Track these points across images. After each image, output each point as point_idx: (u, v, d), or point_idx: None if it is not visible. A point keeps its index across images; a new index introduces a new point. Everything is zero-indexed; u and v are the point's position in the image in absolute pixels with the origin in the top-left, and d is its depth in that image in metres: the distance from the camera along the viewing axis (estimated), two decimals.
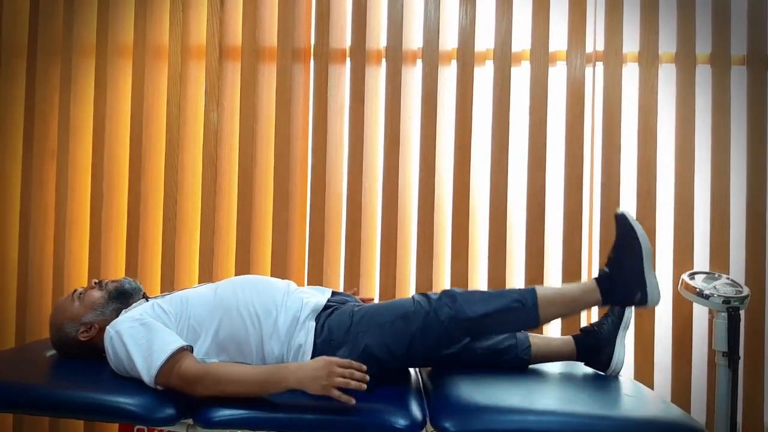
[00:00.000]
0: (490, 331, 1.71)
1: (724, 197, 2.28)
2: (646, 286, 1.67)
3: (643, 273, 1.67)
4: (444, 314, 1.61)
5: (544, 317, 1.67)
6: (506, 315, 1.64)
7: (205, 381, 1.44)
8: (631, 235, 1.68)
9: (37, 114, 2.44)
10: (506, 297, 1.66)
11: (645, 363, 2.27)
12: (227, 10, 2.45)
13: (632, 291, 1.68)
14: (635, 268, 1.67)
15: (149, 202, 2.44)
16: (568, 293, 1.71)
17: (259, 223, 2.42)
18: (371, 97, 2.43)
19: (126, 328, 1.53)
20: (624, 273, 1.68)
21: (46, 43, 2.45)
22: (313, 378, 1.39)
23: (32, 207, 2.43)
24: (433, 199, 2.35)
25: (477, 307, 1.63)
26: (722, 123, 2.29)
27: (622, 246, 1.69)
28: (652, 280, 1.67)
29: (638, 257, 1.67)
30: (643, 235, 1.68)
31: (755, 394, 2.25)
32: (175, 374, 1.45)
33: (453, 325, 1.61)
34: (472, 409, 1.42)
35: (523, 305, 1.64)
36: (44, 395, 1.46)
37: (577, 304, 1.71)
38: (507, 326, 1.70)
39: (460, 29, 2.37)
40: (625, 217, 1.70)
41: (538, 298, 1.65)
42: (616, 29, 2.33)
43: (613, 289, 1.69)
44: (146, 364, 1.47)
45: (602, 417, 1.41)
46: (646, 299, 1.67)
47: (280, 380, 1.42)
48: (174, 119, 2.42)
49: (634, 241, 1.67)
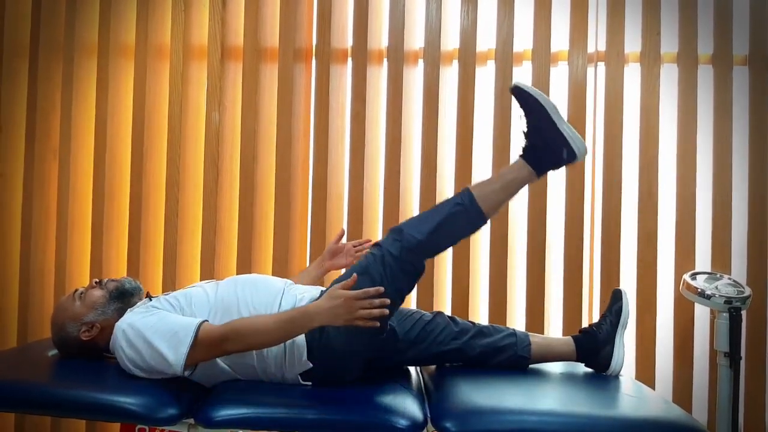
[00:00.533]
0: (445, 243, 1.70)
1: (725, 197, 2.28)
2: (567, 141, 1.67)
3: (558, 128, 1.67)
4: (396, 249, 1.61)
5: (487, 209, 1.67)
6: (452, 222, 1.65)
7: (230, 338, 1.46)
8: (531, 100, 1.67)
9: (38, 113, 2.44)
10: (446, 205, 1.68)
11: (646, 363, 2.27)
12: (229, 10, 2.45)
13: (557, 150, 1.67)
14: (549, 127, 1.67)
15: (151, 202, 2.45)
16: (501, 178, 1.71)
17: (261, 223, 2.43)
18: (373, 97, 2.43)
19: (140, 319, 1.53)
20: (543, 136, 1.68)
21: (48, 43, 2.45)
22: (335, 315, 1.43)
23: (34, 206, 2.43)
24: (435, 198, 2.35)
25: (423, 228, 1.63)
26: (724, 123, 2.29)
27: (530, 113, 1.69)
28: (568, 132, 1.67)
29: (547, 116, 1.67)
30: (541, 94, 1.68)
31: (757, 394, 2.25)
32: (199, 346, 1.47)
33: (408, 255, 1.61)
34: (473, 410, 1.42)
35: (463, 206, 1.66)
36: (46, 395, 1.46)
37: (514, 184, 1.70)
38: (457, 232, 1.69)
39: (462, 29, 2.37)
40: (519, 88, 1.69)
41: (474, 194, 1.67)
42: (618, 29, 2.33)
43: (540, 157, 1.69)
44: (172, 348, 1.46)
45: (603, 417, 1.41)
46: (574, 152, 1.67)
47: (303, 325, 1.46)
48: (176, 119, 2.43)
49: (536, 104, 1.67)
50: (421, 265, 1.65)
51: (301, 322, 1.46)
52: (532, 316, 2.31)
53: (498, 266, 2.33)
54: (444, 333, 1.75)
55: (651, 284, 2.29)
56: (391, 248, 1.61)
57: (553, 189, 2.35)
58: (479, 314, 2.39)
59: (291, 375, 1.59)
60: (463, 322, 1.79)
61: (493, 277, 2.33)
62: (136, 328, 1.51)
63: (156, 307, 1.60)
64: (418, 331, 1.75)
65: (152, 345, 1.48)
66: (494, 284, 2.33)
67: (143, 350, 1.49)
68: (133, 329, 1.51)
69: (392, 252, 1.61)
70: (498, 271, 2.32)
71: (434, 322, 1.77)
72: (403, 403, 1.47)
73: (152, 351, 1.48)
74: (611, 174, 2.31)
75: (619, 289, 1.86)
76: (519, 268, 2.39)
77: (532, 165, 1.69)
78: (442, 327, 1.76)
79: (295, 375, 1.58)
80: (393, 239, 1.63)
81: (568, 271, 2.31)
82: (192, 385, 1.57)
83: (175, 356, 1.46)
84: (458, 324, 1.78)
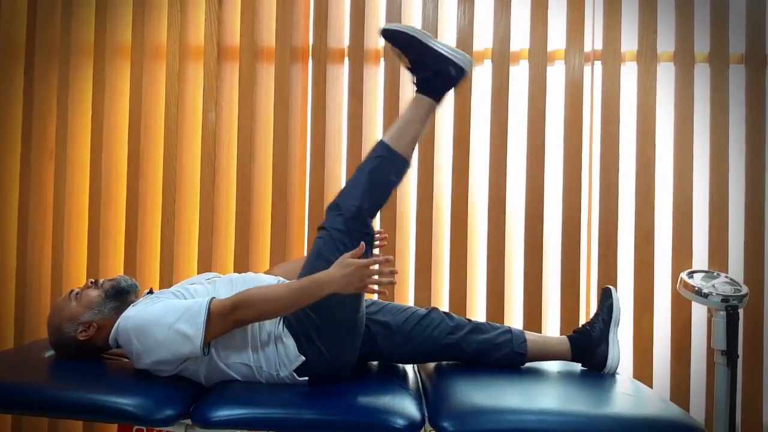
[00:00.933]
0: (381, 198, 1.72)
1: (722, 196, 2.29)
2: (449, 59, 1.71)
3: (436, 51, 1.71)
4: (341, 223, 1.65)
5: (404, 151, 1.72)
6: (379, 176, 1.69)
7: (242, 305, 1.48)
8: (401, 36, 1.72)
9: (35, 114, 2.44)
10: (367, 164, 1.72)
11: (644, 362, 2.27)
12: (225, 10, 2.45)
13: (445, 72, 1.71)
14: (428, 54, 1.71)
15: (148, 202, 2.44)
16: (407, 119, 1.74)
17: (258, 223, 2.42)
18: (369, 96, 2.43)
19: (144, 308, 1.54)
20: (427, 65, 1.72)
21: (45, 43, 2.45)
22: (347, 284, 1.47)
23: (30, 207, 2.42)
24: (432, 198, 2.35)
25: (356, 193, 1.67)
26: (721, 121, 2.30)
27: (406, 48, 1.73)
28: (447, 50, 1.71)
29: (422, 45, 1.71)
30: (409, 26, 1.72)
31: (754, 392, 2.25)
32: (214, 317, 1.48)
33: (354, 224, 1.65)
34: (470, 409, 1.42)
35: (382, 157, 1.71)
36: (43, 396, 1.45)
37: (420, 119, 1.74)
38: (388, 183, 1.72)
39: (459, 29, 2.37)
40: (387, 30, 1.73)
41: (387, 142, 1.72)
42: (615, 28, 2.33)
43: (432, 85, 1.73)
44: (189, 321, 1.47)
45: (601, 416, 1.41)
46: (460, 66, 1.71)
47: (314, 293, 1.49)
48: (172, 119, 2.42)
49: (408, 38, 1.71)
50: (369, 228, 1.69)
51: (312, 290, 1.49)
52: (530, 315, 2.31)
53: (495, 265, 2.33)
54: (439, 328, 1.75)
55: (648, 283, 2.29)
56: (335, 224, 1.65)
57: (550, 188, 2.35)
58: (477, 313, 2.39)
59: (286, 372, 1.59)
60: (458, 318, 1.80)
61: (491, 277, 2.33)
62: (142, 316, 1.52)
63: (158, 297, 1.61)
64: (413, 325, 1.75)
65: (166, 325, 1.48)
66: (492, 283, 2.33)
67: (158, 334, 1.48)
68: (141, 318, 1.52)
69: (338, 228, 1.65)
70: (495, 271, 2.33)
71: (429, 317, 1.77)
72: (400, 403, 1.47)
73: (167, 331, 1.48)
74: (608, 173, 2.32)
75: (608, 287, 1.87)
76: (516, 268, 2.39)
77: (429, 95, 1.73)
78: (438, 322, 1.76)
79: (290, 372, 1.59)
80: (334, 215, 1.67)
81: (565, 270, 2.31)
82: (189, 385, 1.57)
83: (194, 329, 1.46)
84: (453, 319, 1.79)
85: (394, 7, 2.38)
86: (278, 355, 1.59)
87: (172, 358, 1.51)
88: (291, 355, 1.59)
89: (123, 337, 1.54)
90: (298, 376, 1.59)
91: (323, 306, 1.55)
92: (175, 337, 1.47)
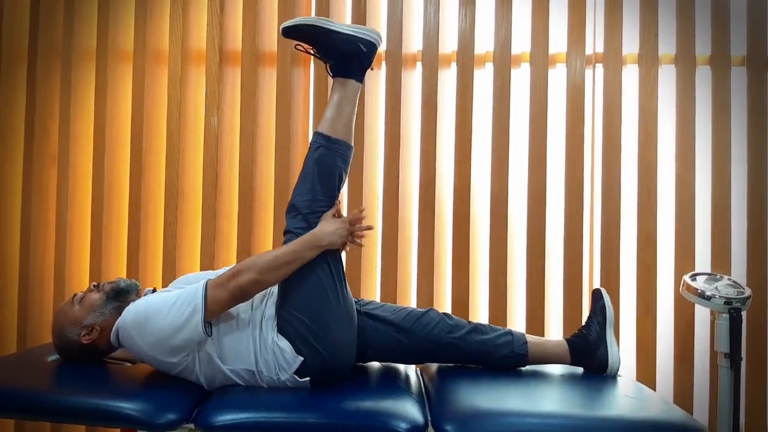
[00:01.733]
0: (335, 186, 1.72)
1: (724, 198, 2.28)
2: (356, 37, 1.73)
3: (341, 34, 1.72)
4: (299, 222, 1.68)
5: (342, 136, 1.73)
6: (325, 166, 1.70)
7: (243, 271, 1.55)
8: (302, 28, 1.72)
9: (37, 118, 2.44)
10: (310, 158, 1.72)
11: (647, 364, 2.26)
12: (227, 15, 2.45)
13: (356, 51, 1.73)
14: (334, 38, 1.73)
15: (150, 207, 2.44)
16: (334, 105, 1.74)
17: (260, 228, 2.42)
18: (371, 100, 2.43)
19: (139, 302, 1.58)
20: (336, 49, 1.74)
21: (47, 48, 2.45)
22: (340, 236, 1.65)
23: (33, 212, 2.43)
24: (434, 201, 2.35)
25: (305, 189, 1.70)
26: (722, 124, 2.30)
27: (311, 38, 1.74)
28: (352, 30, 1.74)
29: (324, 31, 1.73)
30: (306, 17, 1.74)
31: (758, 395, 2.24)
32: (213, 289, 1.52)
33: (312, 219, 1.67)
34: (473, 412, 1.41)
35: (323, 146, 1.71)
36: (46, 401, 1.46)
37: (348, 102, 1.74)
38: (336, 171, 1.72)
39: (460, 32, 2.37)
40: (287, 28, 1.73)
41: (322, 131, 1.72)
42: (616, 31, 2.33)
43: (348, 67, 1.74)
44: (187, 301, 1.51)
45: (604, 419, 1.41)
46: (368, 41, 1.73)
47: (312, 246, 1.62)
48: (174, 124, 2.43)
49: (309, 28, 1.72)
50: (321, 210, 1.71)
51: (310, 243, 1.62)
52: (532, 319, 2.30)
53: (497, 268, 2.33)
54: (439, 326, 1.76)
55: (651, 286, 2.29)
56: (296, 225, 1.68)
57: (552, 191, 2.35)
58: (479, 316, 2.39)
59: (286, 376, 1.59)
60: (457, 318, 1.81)
61: (493, 280, 2.33)
62: (139, 308, 1.55)
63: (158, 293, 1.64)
64: (412, 322, 1.76)
65: (164, 311, 1.51)
66: (494, 286, 2.32)
67: (157, 321, 1.51)
68: (138, 310, 1.55)
69: (300, 227, 1.67)
70: (497, 274, 2.32)
71: (428, 315, 1.78)
72: (403, 407, 1.47)
73: (166, 316, 1.51)
74: (610, 175, 2.32)
75: (598, 289, 1.89)
76: (518, 271, 2.39)
77: (348, 76, 1.75)
78: (437, 321, 1.77)
79: (291, 375, 1.59)
80: (292, 217, 1.70)
81: (567, 273, 2.31)
82: (191, 390, 1.57)
83: (192, 307, 1.50)
84: (452, 319, 1.80)
85: (396, 10, 2.38)
86: (276, 359, 1.59)
87: (174, 343, 1.52)
88: (289, 357, 1.59)
89: (123, 333, 1.57)
90: (300, 377, 1.59)
91: (308, 305, 1.60)
92: (176, 318, 1.50)
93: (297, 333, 1.61)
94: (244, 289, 1.55)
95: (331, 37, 1.72)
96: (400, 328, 1.75)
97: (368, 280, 2.40)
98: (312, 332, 1.60)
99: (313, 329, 1.60)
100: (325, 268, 1.66)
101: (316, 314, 1.61)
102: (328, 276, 1.65)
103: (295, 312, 1.61)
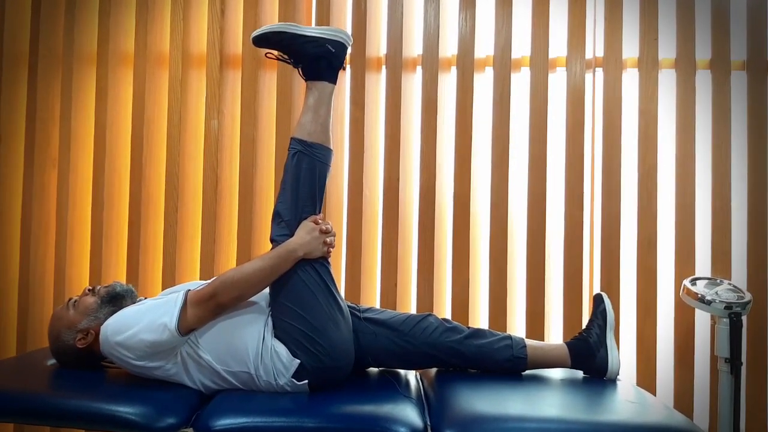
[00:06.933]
0: (317, 190, 1.71)
1: (725, 202, 2.28)
2: (324, 39, 1.72)
3: (308, 36, 1.72)
4: (284, 229, 1.68)
5: (320, 139, 1.72)
6: (306, 171, 1.70)
7: (220, 290, 1.56)
8: (269, 36, 1.73)
9: (38, 122, 2.45)
10: (290, 164, 1.71)
11: (647, 369, 2.26)
12: (228, 18, 2.46)
13: (325, 53, 1.72)
14: (301, 42, 1.72)
15: (150, 210, 2.45)
16: (309, 107, 1.74)
17: (260, 231, 2.42)
18: (371, 104, 2.43)
19: (122, 310, 1.61)
20: (304, 53, 1.73)
21: (47, 52, 2.46)
22: (318, 245, 1.64)
23: (33, 215, 2.43)
24: (434, 205, 2.35)
25: (287, 197, 1.69)
26: (722, 128, 2.30)
27: (279, 44, 1.74)
28: (319, 32, 1.73)
29: (291, 35, 1.71)
30: (271, 25, 1.73)
31: (758, 400, 2.24)
32: (191, 304, 1.54)
33: (295, 225, 1.67)
34: (473, 417, 1.41)
35: (301, 152, 1.70)
36: (45, 404, 1.46)
37: (323, 105, 1.74)
38: (315, 173, 1.71)
39: (460, 36, 2.37)
40: (256, 38, 1.73)
41: (299, 137, 1.72)
42: (616, 35, 2.34)
43: (318, 70, 1.74)
44: (166, 312, 1.52)
45: (604, 423, 1.40)
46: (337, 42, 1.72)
47: (288, 258, 1.61)
48: (175, 127, 2.43)
49: (275, 35, 1.72)
50: (313, 208, 1.72)
51: (286, 255, 1.61)
52: (532, 322, 2.30)
53: (497, 272, 2.32)
54: (438, 330, 1.76)
55: (651, 290, 2.29)
56: (280, 232, 1.68)
57: (552, 195, 2.35)
58: (479, 321, 2.39)
59: (284, 380, 1.59)
60: (456, 323, 1.81)
61: (493, 284, 2.32)
62: (119, 315, 1.58)
63: (141, 301, 1.67)
64: (411, 326, 1.76)
65: (143, 317, 1.53)
66: (494, 290, 2.32)
67: (135, 327, 1.52)
68: (117, 317, 1.58)
69: (284, 234, 1.67)
70: (498, 277, 2.32)
71: (426, 320, 1.78)
72: (403, 411, 1.47)
73: (144, 324, 1.52)
74: (610, 179, 2.31)
75: (599, 293, 1.89)
76: (519, 274, 2.39)
77: (320, 79, 1.75)
78: (436, 325, 1.77)
79: (289, 379, 1.59)
80: (277, 224, 1.70)
81: (568, 277, 2.31)
82: (190, 394, 1.57)
83: (170, 316, 1.52)
84: (451, 323, 1.80)
85: (396, 14, 2.38)
86: (274, 364, 1.59)
87: (154, 357, 1.53)
88: (285, 361, 1.59)
89: (104, 344, 1.57)
90: (298, 380, 1.59)
91: (298, 310, 1.61)
92: (153, 326, 1.51)
93: (291, 337, 1.61)
94: (227, 305, 1.59)
95: (299, 41, 1.72)
96: (399, 332, 1.74)
97: (368, 284, 2.40)
98: (305, 336, 1.60)
99: (306, 333, 1.60)
100: (309, 270, 1.65)
101: (307, 318, 1.62)
102: (313, 279, 1.65)
103: (286, 318, 1.62)
